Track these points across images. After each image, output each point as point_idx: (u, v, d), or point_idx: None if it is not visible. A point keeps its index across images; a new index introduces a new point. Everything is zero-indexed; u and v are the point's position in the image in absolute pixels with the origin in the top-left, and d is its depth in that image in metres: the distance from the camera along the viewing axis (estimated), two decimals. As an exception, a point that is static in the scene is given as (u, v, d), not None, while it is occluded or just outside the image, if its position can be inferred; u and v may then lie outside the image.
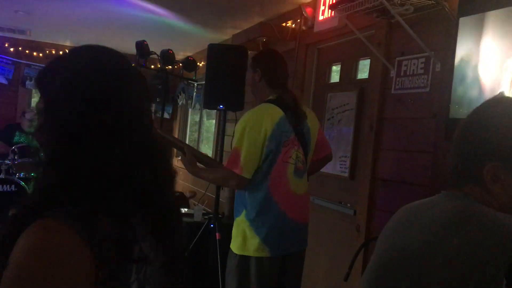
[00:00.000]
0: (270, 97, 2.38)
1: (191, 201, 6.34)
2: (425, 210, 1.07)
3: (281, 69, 2.47)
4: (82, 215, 0.73)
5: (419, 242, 1.00)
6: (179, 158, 2.48)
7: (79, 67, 0.84)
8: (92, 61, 0.85)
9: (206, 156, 2.67)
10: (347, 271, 2.74)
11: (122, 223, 0.76)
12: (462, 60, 2.30)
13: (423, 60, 2.64)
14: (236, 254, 2.30)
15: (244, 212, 2.28)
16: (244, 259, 2.28)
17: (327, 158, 2.67)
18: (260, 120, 2.25)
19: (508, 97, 1.55)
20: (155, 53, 4.24)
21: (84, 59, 0.86)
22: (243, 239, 2.27)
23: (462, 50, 2.29)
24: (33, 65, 6.98)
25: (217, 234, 3.92)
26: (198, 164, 2.44)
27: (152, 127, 0.88)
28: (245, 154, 2.18)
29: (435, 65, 2.55)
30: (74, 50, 0.88)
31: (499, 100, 1.08)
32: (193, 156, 2.39)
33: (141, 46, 4.13)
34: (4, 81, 6.94)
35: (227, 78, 3.90)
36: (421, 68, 2.64)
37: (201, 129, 7.08)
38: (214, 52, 3.96)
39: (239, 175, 2.19)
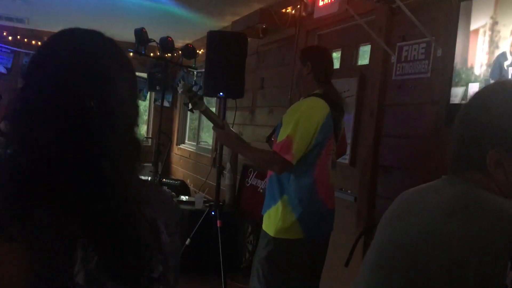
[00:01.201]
0: (317, 91, 2.46)
1: (192, 189, 6.36)
2: (425, 195, 1.06)
3: (330, 65, 2.59)
4: (16, 205, 0.70)
5: (419, 228, 1.00)
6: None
7: (58, 55, 0.82)
8: (72, 46, 0.83)
9: (239, 136, 2.85)
10: (348, 257, 2.76)
11: (64, 214, 0.71)
12: (463, 44, 2.28)
13: (424, 45, 2.62)
14: (273, 238, 2.40)
15: (284, 197, 2.39)
16: (282, 242, 2.39)
17: (344, 152, 2.77)
18: (313, 112, 2.37)
19: (511, 81, 1.53)
20: (154, 41, 4.22)
21: (64, 44, 0.84)
22: (280, 222, 2.38)
23: (463, 35, 2.28)
24: (32, 53, 6.94)
25: (218, 221, 3.94)
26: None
27: (136, 122, 0.86)
28: (298, 142, 2.30)
29: (436, 50, 2.53)
30: (55, 37, 0.86)
31: (502, 85, 1.07)
32: (231, 131, 2.54)
33: (140, 34, 4.10)
34: (3, 71, 6.91)
35: (227, 66, 3.88)
36: (422, 54, 2.62)
37: (201, 116, 7.07)
38: (214, 39, 3.94)
39: (289, 161, 2.30)
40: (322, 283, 2.68)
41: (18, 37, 6.85)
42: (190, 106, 2.56)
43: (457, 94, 2.30)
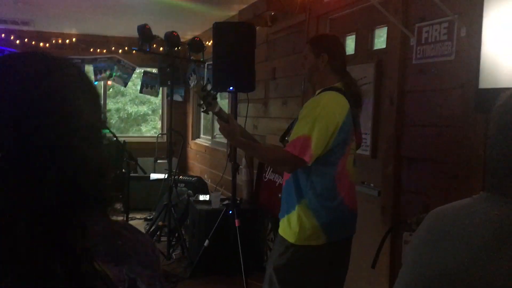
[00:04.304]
0: (336, 85, 2.28)
1: (210, 184, 6.23)
2: (463, 218, 0.88)
3: (345, 54, 2.42)
4: None
5: (461, 259, 0.82)
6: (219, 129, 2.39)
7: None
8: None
9: (248, 134, 2.64)
10: (374, 258, 2.58)
11: None
12: (492, 22, 2.05)
13: (446, 25, 2.39)
14: (293, 244, 2.25)
15: (304, 201, 2.24)
16: (302, 249, 2.25)
17: (360, 144, 2.55)
18: (333, 110, 2.18)
19: None
20: (159, 37, 4.05)
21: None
22: (301, 228, 2.23)
23: (491, 11, 2.05)
24: None
25: (236, 221, 3.80)
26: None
27: (99, 138, 0.71)
28: (316, 143, 2.13)
29: (460, 30, 2.30)
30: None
31: None
32: (236, 126, 2.35)
33: (143, 31, 3.93)
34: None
35: (236, 58, 3.71)
36: (444, 34, 2.40)
37: (215, 110, 6.92)
38: (220, 31, 3.76)
39: (305, 161, 2.14)
40: (348, 286, 2.51)
41: (26, 40, 6.77)
42: (204, 107, 2.37)
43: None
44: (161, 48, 6.02)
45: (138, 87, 7.71)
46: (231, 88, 3.75)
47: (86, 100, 0.73)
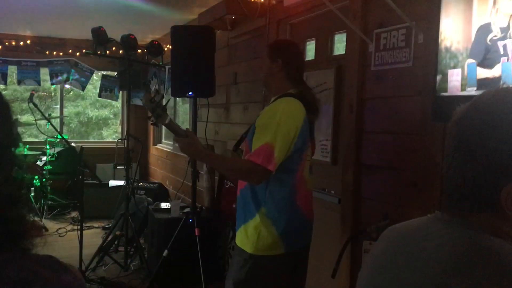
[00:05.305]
0: (291, 91, 2.23)
1: (172, 191, 6.09)
2: (419, 239, 0.82)
3: (302, 61, 2.35)
4: None
5: (416, 285, 0.76)
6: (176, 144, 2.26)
7: None
8: None
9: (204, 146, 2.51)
10: (334, 267, 2.54)
11: None
12: (448, 29, 2.04)
13: (403, 31, 2.38)
14: (251, 255, 2.17)
15: (262, 210, 2.17)
16: (261, 260, 2.17)
17: (313, 152, 2.49)
18: (293, 115, 2.13)
19: None
20: (114, 40, 3.90)
21: None
22: (260, 238, 2.17)
23: (448, 17, 2.04)
24: (-8, 58, 6.56)
25: (196, 229, 3.69)
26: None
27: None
28: (279, 150, 2.07)
29: (418, 37, 2.29)
30: None
31: (506, 93, 0.80)
32: (196, 139, 2.24)
33: (98, 33, 3.78)
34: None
35: (195, 63, 3.61)
36: (402, 41, 2.38)
37: (176, 114, 6.79)
38: (178, 34, 3.65)
39: (270, 170, 2.07)
40: (308, 297, 2.46)
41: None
42: (153, 119, 2.25)
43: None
44: (121, 51, 5.85)
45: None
46: (190, 93, 3.64)
47: None
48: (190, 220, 3.79)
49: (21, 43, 6.69)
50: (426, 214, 0.90)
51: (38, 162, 6.33)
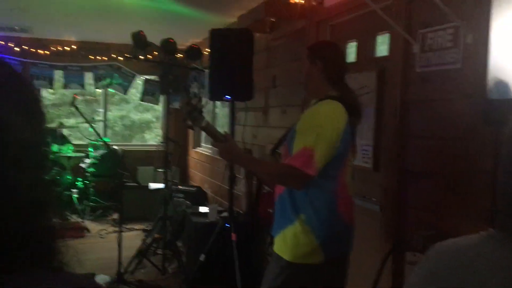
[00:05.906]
0: (332, 94, 2.16)
1: (210, 194, 6.08)
2: (472, 260, 0.73)
3: (343, 63, 2.27)
4: None
5: None
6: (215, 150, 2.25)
7: None
8: None
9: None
10: (374, 279, 2.43)
11: None
12: (500, 28, 1.90)
13: (451, 31, 2.24)
14: (289, 263, 2.12)
15: (301, 217, 2.11)
16: (299, 268, 2.11)
17: (354, 157, 2.40)
18: (335, 119, 2.06)
19: None
20: (153, 44, 3.92)
21: None
22: (299, 245, 2.11)
23: (500, 16, 1.90)
24: (39, 63, 6.77)
25: (232, 234, 3.64)
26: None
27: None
28: (320, 154, 2.00)
29: (466, 36, 2.15)
30: None
31: None
32: (235, 144, 2.23)
33: (138, 37, 3.81)
34: (12, 83, 6.77)
35: (233, 66, 3.57)
36: (450, 41, 2.25)
37: (215, 118, 6.79)
38: (217, 38, 3.62)
39: (311, 175, 2.00)
40: (347, 309, 2.36)
41: (25, 47, 6.68)
42: (189, 122, 2.22)
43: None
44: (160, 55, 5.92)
45: (141, 95, 7.61)
46: (227, 96, 3.61)
47: (15, 109, 0.57)
48: (227, 225, 3.76)
49: (67, 48, 6.88)
50: (475, 226, 0.80)
51: (82, 164, 6.48)
